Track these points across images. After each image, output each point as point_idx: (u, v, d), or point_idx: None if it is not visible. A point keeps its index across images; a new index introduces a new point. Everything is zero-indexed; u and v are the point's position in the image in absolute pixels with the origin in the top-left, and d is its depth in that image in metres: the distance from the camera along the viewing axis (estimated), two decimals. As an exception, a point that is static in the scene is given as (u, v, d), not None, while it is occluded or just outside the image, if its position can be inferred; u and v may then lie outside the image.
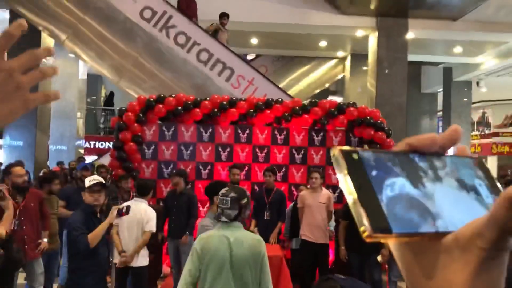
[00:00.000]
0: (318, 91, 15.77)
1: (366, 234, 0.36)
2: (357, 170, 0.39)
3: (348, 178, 0.38)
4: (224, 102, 7.68)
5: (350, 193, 0.38)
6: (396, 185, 0.40)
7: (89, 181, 4.05)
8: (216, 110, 7.66)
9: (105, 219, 4.17)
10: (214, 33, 9.45)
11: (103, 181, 4.15)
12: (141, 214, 4.95)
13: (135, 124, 7.48)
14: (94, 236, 3.88)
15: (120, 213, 4.53)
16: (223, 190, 3.10)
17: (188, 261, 2.94)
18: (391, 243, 0.43)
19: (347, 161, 0.39)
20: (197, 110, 7.61)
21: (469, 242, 0.38)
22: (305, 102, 8.06)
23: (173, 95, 7.67)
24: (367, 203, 0.37)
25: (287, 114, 7.81)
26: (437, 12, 10.61)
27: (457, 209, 0.41)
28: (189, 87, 8.81)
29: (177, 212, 6.10)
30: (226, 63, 8.71)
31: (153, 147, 7.62)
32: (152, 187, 5.64)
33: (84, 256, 3.86)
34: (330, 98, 15.05)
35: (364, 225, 0.36)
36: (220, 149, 7.68)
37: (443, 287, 0.40)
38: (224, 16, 9.85)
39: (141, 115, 7.54)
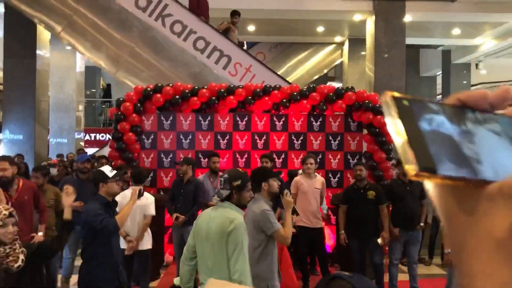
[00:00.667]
0: (316, 77, 15.71)
1: (412, 172, 0.38)
2: (407, 115, 0.41)
3: (399, 121, 0.40)
4: (222, 90, 7.66)
5: (399, 134, 0.40)
6: (445, 132, 0.41)
7: (109, 171, 4.09)
8: (214, 98, 7.64)
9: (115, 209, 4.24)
10: (224, 31, 9.40)
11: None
12: (141, 199, 5.05)
13: (133, 114, 7.47)
14: (122, 216, 4.03)
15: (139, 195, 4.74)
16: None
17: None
18: (435, 189, 0.44)
19: (398, 106, 0.41)
20: (195, 98, 7.60)
21: None
22: (303, 87, 8.03)
23: (171, 84, 7.65)
24: (415, 145, 0.39)
25: (285, 100, 7.79)
26: (435, -6, 10.53)
27: (503, 161, 0.42)
28: (186, 76, 8.79)
29: (183, 200, 6.11)
30: (223, 50, 8.67)
31: (152, 136, 7.62)
32: (147, 174, 5.73)
33: (98, 245, 3.94)
34: (329, 83, 14.99)
35: (411, 164, 0.38)
36: (219, 137, 7.68)
37: (485, 235, 0.40)
38: (235, 14, 9.81)
39: (139, 105, 7.53)
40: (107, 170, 4.12)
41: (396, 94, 0.43)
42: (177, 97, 7.56)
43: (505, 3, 11.11)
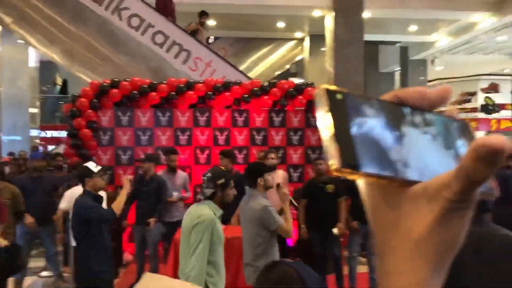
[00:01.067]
0: (278, 72, 15.76)
1: (334, 167, 0.38)
2: (338, 109, 0.40)
3: (328, 114, 0.39)
4: (182, 85, 7.54)
5: (327, 128, 0.39)
6: (374, 129, 0.41)
7: (94, 166, 4.23)
8: (173, 93, 7.51)
9: None
10: (192, 33, 9.23)
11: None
12: None
13: (89, 110, 7.25)
14: (118, 205, 4.24)
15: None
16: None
17: None
18: (362, 185, 0.44)
19: (330, 99, 0.40)
20: (154, 94, 7.45)
21: (436, 192, 0.39)
22: (264, 83, 8.01)
23: (128, 79, 7.46)
24: (341, 140, 0.39)
25: (246, 95, 7.75)
26: (392, -10, 10.72)
27: (432, 162, 0.42)
28: (145, 71, 8.60)
29: (145, 198, 5.95)
30: (182, 45, 8.53)
31: (109, 133, 7.41)
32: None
33: (92, 237, 4.04)
34: (291, 79, 15.07)
35: (334, 159, 0.38)
36: (179, 133, 7.56)
37: (404, 234, 0.40)
38: (203, 15, 9.67)
39: (95, 100, 7.32)
40: (92, 165, 4.25)
41: (330, 87, 0.41)
42: (135, 92, 7.39)
43: (458, 1, 11.45)
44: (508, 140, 0.37)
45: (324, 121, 0.40)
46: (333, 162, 0.38)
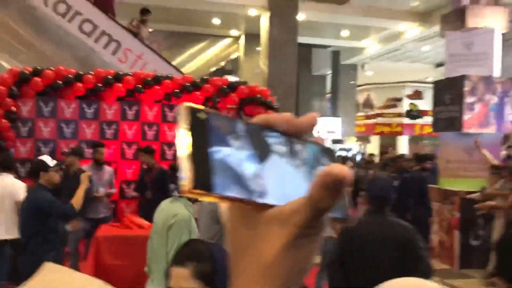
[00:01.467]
0: (213, 69, 15.65)
1: (185, 188, 0.37)
2: (198, 128, 0.39)
3: (188, 133, 0.38)
4: (110, 77, 7.25)
5: (184, 147, 0.38)
6: (235, 152, 0.40)
7: (50, 161, 4.28)
8: (100, 85, 7.20)
9: None
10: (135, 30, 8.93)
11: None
12: (10, 187, 4.93)
13: (7, 99, 6.78)
14: (77, 200, 4.30)
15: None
16: None
17: None
18: (225, 208, 0.44)
19: (192, 117, 0.39)
20: (80, 84, 7.10)
21: (287, 217, 0.40)
22: (196, 79, 7.90)
23: (52, 68, 7.06)
24: (197, 161, 0.38)
25: (177, 91, 7.59)
26: (327, -5, 10.98)
27: (290, 187, 0.42)
28: (72, 60, 8.17)
29: (69, 193, 5.63)
30: (112, 35, 8.20)
31: (29, 124, 6.97)
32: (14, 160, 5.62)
33: (48, 232, 4.05)
34: (226, 77, 15.04)
35: (186, 179, 0.37)
36: (105, 127, 7.26)
37: (255, 257, 0.41)
38: (146, 12, 9.35)
39: (14, 88, 6.85)
40: (48, 160, 4.30)
41: (194, 105, 0.40)
42: (59, 82, 7.01)
43: (387, 10, 11.95)
44: (349, 170, 0.39)
45: (183, 140, 0.38)
46: (186, 182, 0.37)
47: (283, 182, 0.42)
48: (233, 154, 0.40)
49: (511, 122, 8.04)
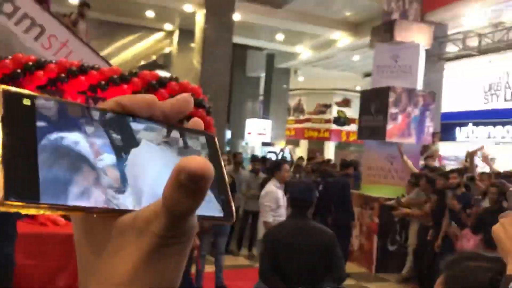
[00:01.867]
0: (144, 62, 15.22)
1: None
2: (21, 119, 0.31)
3: (0, 125, 0.29)
4: (30, 63, 6.76)
5: None
6: (73, 147, 0.32)
7: None
8: (19, 71, 6.70)
9: None
10: (72, 24, 8.37)
11: None
12: None
13: None
14: None
15: None
16: None
17: None
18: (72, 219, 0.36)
19: (10, 105, 0.30)
20: (-5, 69, 6.57)
21: (143, 224, 0.32)
22: (124, 71, 7.59)
23: (-37, 49, 6.48)
24: (15, 162, 0.29)
25: (104, 82, 7.24)
26: (264, -3, 11.02)
27: (149, 187, 0.34)
28: (-12, 42, 7.56)
29: None
30: (35, 19, 7.68)
31: None
32: None
33: (11, 226, 3.85)
34: (157, 71, 14.68)
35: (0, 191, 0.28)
36: (22, 116, 6.78)
37: (105, 277, 0.33)
38: (84, 5, 8.81)
39: None
40: None
41: (15, 89, 0.32)
42: (-29, 64, 6.44)
43: (321, 17, 12.23)
44: (210, 164, 0.31)
45: None
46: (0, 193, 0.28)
47: (139, 181, 0.34)
48: (70, 149, 0.32)
49: (430, 134, 8.48)
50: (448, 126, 13.29)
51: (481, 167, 9.53)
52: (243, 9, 11.18)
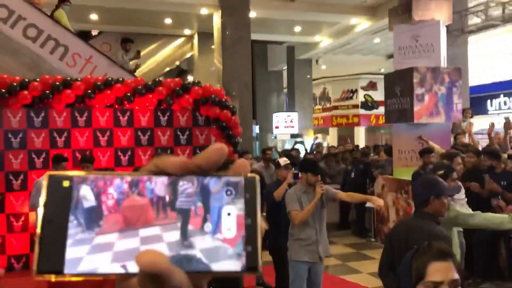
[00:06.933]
0: (168, 69, 15.44)
1: (34, 273, 0.35)
2: (59, 201, 0.36)
3: (41, 210, 0.35)
4: (57, 83, 7.02)
5: (37, 227, 0.36)
6: (98, 220, 0.36)
7: None
8: (48, 92, 6.97)
9: None
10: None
11: None
12: None
13: None
14: None
15: None
16: None
17: None
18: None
19: (51, 189, 0.36)
20: (25, 92, 6.84)
21: None
22: (149, 81, 7.77)
23: (-4, 76, 6.77)
24: (49, 240, 0.35)
25: (129, 94, 7.44)
26: (276, -8, 11.01)
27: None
28: (17, 67, 7.85)
29: None
30: (59, 40, 7.93)
31: (-27, 136, 6.67)
32: None
33: None
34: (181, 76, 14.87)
35: (34, 263, 0.35)
36: (55, 135, 7.04)
37: None
38: (128, 41, 9.63)
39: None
40: None
41: (58, 173, 0.37)
42: (3, 90, 6.73)
43: (337, 5, 12.11)
44: (158, 258, 0.35)
45: (39, 215, 0.35)
46: (34, 267, 0.35)
47: (155, 243, 0.38)
48: (95, 222, 0.37)
49: (460, 111, 8.31)
50: (479, 99, 12.97)
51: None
52: (258, 6, 11.20)
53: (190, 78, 13.05)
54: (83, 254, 0.36)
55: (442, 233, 2.73)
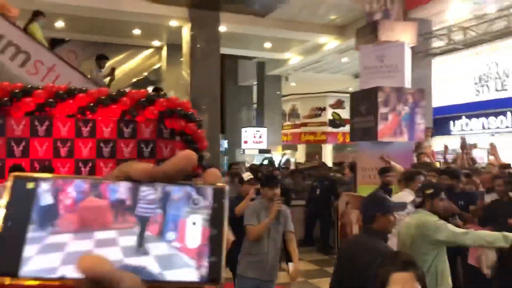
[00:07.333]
0: (135, 80, 15.26)
1: None
2: (21, 202, 0.35)
3: (2, 211, 0.35)
4: (17, 91, 6.80)
5: None
6: (57, 223, 0.36)
7: None
8: (6, 99, 6.74)
9: None
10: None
11: None
12: None
13: None
14: None
15: None
16: None
17: None
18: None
19: (14, 190, 0.35)
20: (-18, 99, 6.60)
21: None
22: (112, 92, 7.62)
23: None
24: (7, 242, 0.34)
25: (92, 104, 7.27)
26: (247, 7, 11.07)
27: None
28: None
29: None
30: (20, 46, 7.72)
31: None
32: None
33: None
34: (150, 87, 14.71)
35: None
36: (13, 144, 6.80)
37: None
38: (102, 58, 9.56)
39: None
40: None
41: (23, 174, 0.36)
42: (-42, 96, 6.48)
43: (306, 23, 12.27)
44: (103, 260, 0.35)
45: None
46: None
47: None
48: (57, 225, 0.36)
49: (423, 131, 8.50)
50: (442, 120, 13.32)
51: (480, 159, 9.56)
52: (228, 21, 11.24)
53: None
54: (39, 257, 0.35)
55: (388, 251, 2.75)
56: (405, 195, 4.77)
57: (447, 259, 3.49)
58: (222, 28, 11.25)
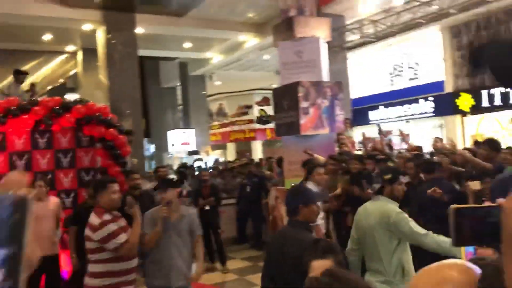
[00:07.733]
0: (50, 87, 14.52)
1: None
2: None
3: None
4: None
5: None
6: None
7: None
8: None
9: None
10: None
11: None
12: None
13: None
14: None
15: None
16: None
17: None
18: None
19: None
20: None
21: None
22: (23, 101, 7.19)
23: None
24: None
25: (1, 115, 6.81)
26: (163, 8, 10.89)
27: None
28: None
29: None
30: None
31: None
32: None
33: None
34: (68, 95, 14.05)
35: None
36: None
37: None
38: (20, 73, 8.81)
39: None
40: None
41: None
42: None
43: (225, 21, 12.29)
44: None
45: None
46: None
47: None
48: None
49: (342, 122, 8.79)
50: (361, 111, 13.89)
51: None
52: (145, 22, 10.99)
53: (75, 96, 12.37)
54: None
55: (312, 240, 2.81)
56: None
57: (409, 249, 3.44)
58: (139, 30, 10.98)
